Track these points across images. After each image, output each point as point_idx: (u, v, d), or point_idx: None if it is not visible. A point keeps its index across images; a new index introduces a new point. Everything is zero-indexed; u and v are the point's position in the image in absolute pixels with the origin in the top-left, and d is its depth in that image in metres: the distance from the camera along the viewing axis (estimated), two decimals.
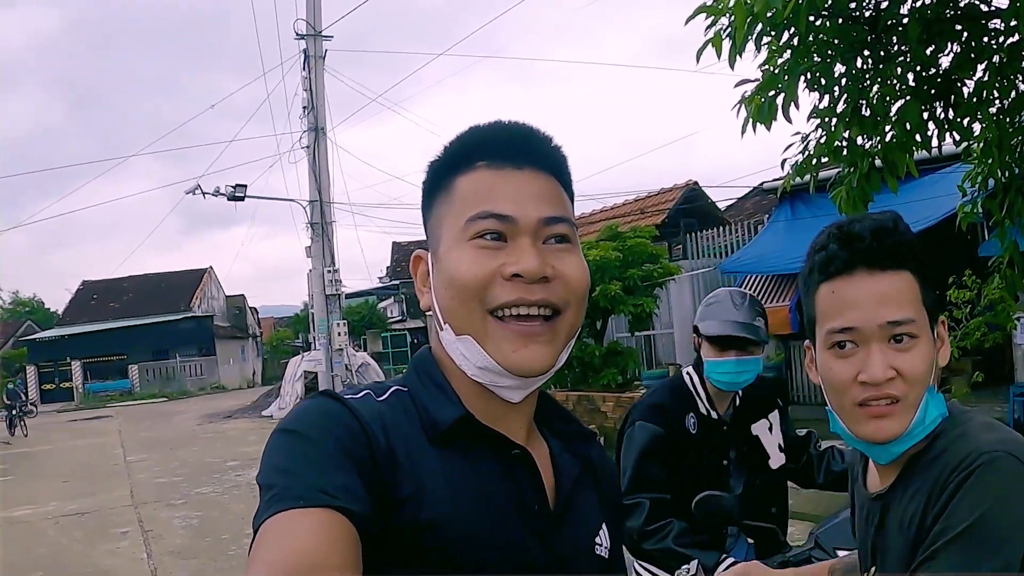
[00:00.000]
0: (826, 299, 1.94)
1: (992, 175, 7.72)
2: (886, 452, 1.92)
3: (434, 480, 1.46)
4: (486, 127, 1.64)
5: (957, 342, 10.86)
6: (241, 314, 71.36)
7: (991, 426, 1.85)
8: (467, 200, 1.55)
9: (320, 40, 29.45)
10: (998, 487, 1.68)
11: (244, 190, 30.01)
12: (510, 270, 1.49)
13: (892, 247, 1.88)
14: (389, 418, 1.50)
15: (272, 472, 1.37)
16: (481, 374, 1.54)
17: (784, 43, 6.35)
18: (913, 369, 1.84)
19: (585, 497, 1.72)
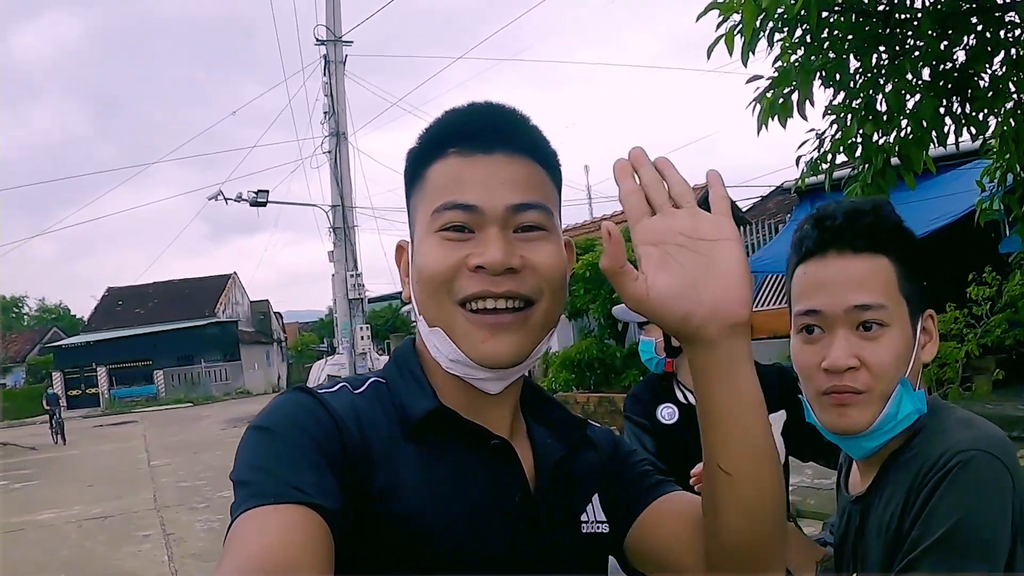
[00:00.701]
0: (798, 281, 1.90)
1: (1011, 170, 7.67)
2: (857, 446, 1.87)
3: (408, 472, 1.45)
4: (458, 111, 1.59)
5: (978, 339, 10.80)
6: (266, 319, 71.53)
7: (968, 422, 1.78)
8: (436, 190, 1.53)
9: (340, 45, 29.51)
10: (976, 488, 1.61)
11: (266, 195, 30.13)
12: (474, 262, 1.46)
13: (866, 229, 1.82)
14: (364, 411, 1.49)
15: (245, 469, 1.37)
16: (454, 366, 1.53)
17: (797, 39, 6.33)
18: (879, 360, 1.78)
19: (570, 476, 1.67)
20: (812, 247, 1.86)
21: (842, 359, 1.77)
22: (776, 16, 5.88)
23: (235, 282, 67.09)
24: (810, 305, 1.84)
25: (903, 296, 1.82)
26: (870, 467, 1.91)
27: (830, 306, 1.80)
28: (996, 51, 6.59)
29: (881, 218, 1.85)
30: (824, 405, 1.84)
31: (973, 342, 10.80)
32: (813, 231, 1.87)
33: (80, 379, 58.86)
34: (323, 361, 35.16)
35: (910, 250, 1.87)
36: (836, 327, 1.80)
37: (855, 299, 1.79)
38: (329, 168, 29.95)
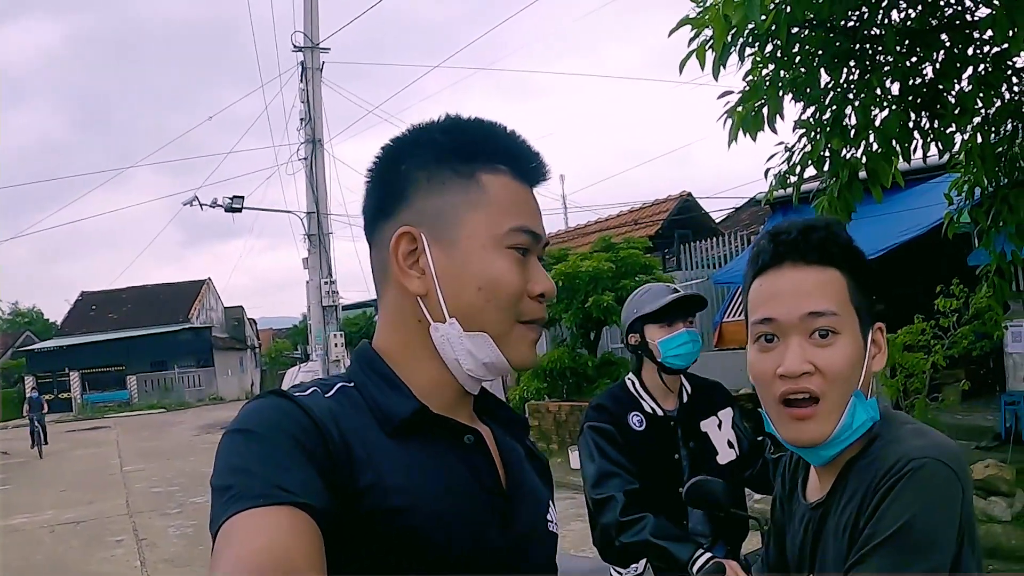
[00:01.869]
0: (754, 292, 1.96)
1: (978, 184, 7.76)
2: (816, 455, 1.93)
3: (393, 469, 1.48)
4: (505, 132, 1.67)
5: (945, 351, 10.89)
6: (240, 325, 71.16)
7: (922, 432, 1.86)
8: (503, 205, 1.59)
9: (317, 52, 29.44)
10: (927, 492, 1.70)
11: (241, 202, 29.95)
12: (538, 289, 1.61)
13: (819, 242, 1.90)
14: (339, 413, 1.51)
15: (228, 473, 1.37)
16: (478, 368, 1.60)
17: (768, 54, 6.40)
18: (832, 365, 1.84)
19: (531, 477, 1.78)
20: (768, 260, 1.93)
21: (797, 364, 1.83)
22: (747, 31, 5.95)
23: (209, 288, 66.74)
24: (765, 314, 1.90)
25: (854, 307, 1.89)
26: (828, 473, 1.97)
27: (785, 314, 1.87)
28: (964, 67, 6.67)
29: (833, 234, 1.92)
30: (783, 419, 1.89)
31: (940, 353, 10.88)
32: (769, 245, 1.94)
33: (53, 384, 58.33)
34: (297, 368, 34.98)
35: (860, 266, 1.94)
36: (791, 334, 1.86)
37: (808, 306, 1.85)
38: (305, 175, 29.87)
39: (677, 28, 6.00)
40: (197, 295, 64.33)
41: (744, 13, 5.46)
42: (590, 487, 3.82)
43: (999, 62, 6.68)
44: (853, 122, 6.71)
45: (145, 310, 62.58)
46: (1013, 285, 9.21)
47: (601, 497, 3.74)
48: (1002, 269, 8.37)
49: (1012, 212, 7.63)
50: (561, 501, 9.56)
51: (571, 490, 13.76)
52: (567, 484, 14.67)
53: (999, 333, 10.95)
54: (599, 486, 3.78)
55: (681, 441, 4.01)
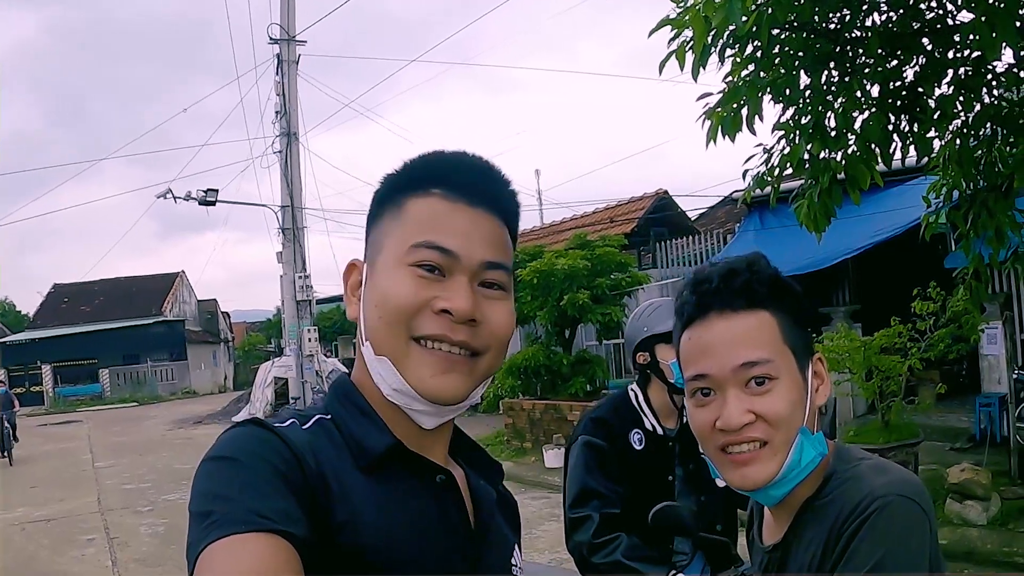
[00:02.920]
0: (684, 347, 1.92)
1: (957, 187, 7.77)
2: (766, 496, 1.88)
3: (366, 506, 1.46)
4: (449, 155, 1.66)
5: (922, 353, 10.92)
6: (213, 319, 71.03)
7: (882, 468, 1.81)
8: (416, 224, 1.56)
9: (293, 45, 29.40)
10: (895, 530, 1.66)
11: (216, 195, 29.94)
12: (440, 305, 1.51)
13: (742, 287, 1.85)
14: (316, 446, 1.48)
15: (207, 499, 1.34)
16: (396, 396, 1.55)
17: (748, 56, 6.38)
18: (773, 411, 1.79)
19: (499, 522, 1.75)
20: (693, 312, 1.89)
21: (736, 418, 1.78)
22: (728, 33, 5.93)
23: (183, 281, 66.59)
24: (698, 370, 1.85)
25: (788, 347, 1.84)
26: (783, 515, 1.93)
27: (717, 368, 1.82)
28: (944, 71, 6.66)
29: (756, 274, 1.87)
30: (725, 465, 1.85)
31: (916, 356, 10.91)
32: (692, 296, 1.90)
33: (24, 377, 58.07)
34: (270, 363, 35.02)
35: (790, 301, 1.89)
36: (727, 387, 1.81)
37: (741, 357, 1.80)
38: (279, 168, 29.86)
39: (657, 28, 5.98)
40: (170, 288, 64.16)
41: (725, 14, 5.43)
42: (569, 503, 3.78)
43: (979, 66, 6.67)
44: (833, 125, 6.70)
45: (118, 303, 62.39)
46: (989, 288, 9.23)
47: (577, 516, 3.71)
48: (979, 272, 8.39)
49: (990, 216, 7.64)
50: (536, 500, 9.60)
51: (546, 489, 13.79)
52: (542, 483, 14.70)
53: (975, 336, 10.97)
54: (578, 505, 3.74)
55: (678, 461, 3.94)
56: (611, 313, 17.78)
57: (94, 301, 63.93)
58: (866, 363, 10.80)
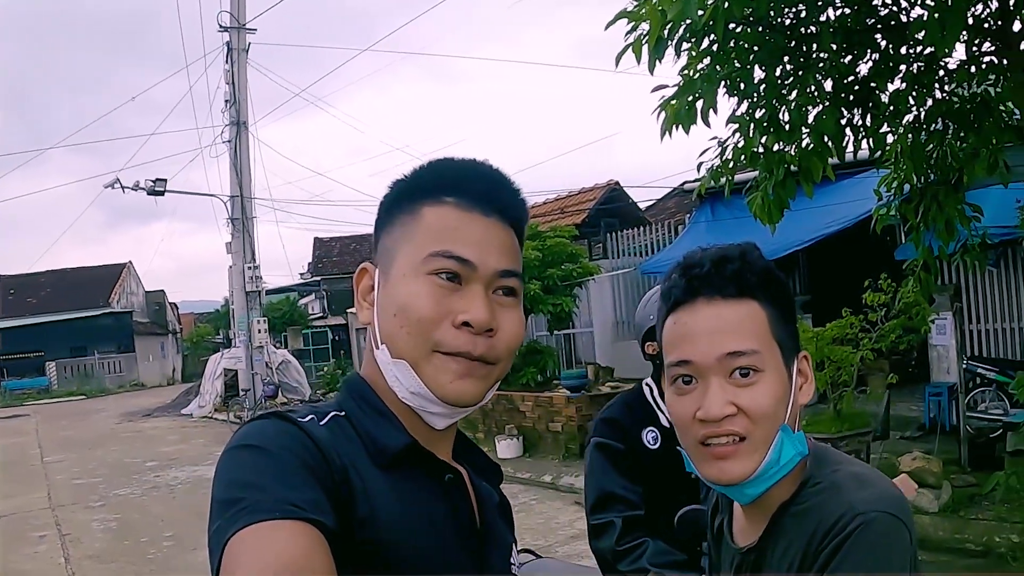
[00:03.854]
0: (669, 331, 1.86)
1: (908, 180, 7.85)
2: (741, 493, 1.83)
3: (385, 503, 1.46)
4: (461, 163, 1.67)
5: (873, 344, 11.01)
6: (161, 310, 70.38)
7: (864, 480, 1.75)
8: (432, 233, 1.57)
9: (243, 33, 29.26)
10: (877, 550, 1.62)
11: (164, 184, 29.77)
12: (462, 318, 1.52)
13: (733, 275, 1.79)
14: (335, 442, 1.49)
15: (235, 487, 1.34)
16: (412, 398, 1.57)
17: (704, 49, 6.41)
18: (756, 405, 1.74)
19: (499, 521, 1.76)
20: (681, 296, 1.83)
21: (717, 408, 1.73)
22: (684, 26, 5.96)
23: (130, 271, 65.94)
24: (681, 356, 1.80)
25: (776, 340, 1.79)
26: (757, 516, 1.88)
27: (702, 355, 1.76)
28: (897, 67, 6.73)
29: (748, 264, 1.81)
30: (703, 458, 1.80)
31: (868, 346, 11.00)
32: (681, 280, 1.84)
33: None
34: (219, 355, 34.79)
35: (780, 294, 1.85)
36: (709, 376, 1.76)
37: (727, 346, 1.75)
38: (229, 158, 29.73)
39: (614, 21, 6.00)
40: (118, 279, 63.48)
41: (681, 8, 5.46)
42: (589, 510, 3.65)
43: (931, 62, 6.74)
44: (787, 118, 6.76)
45: (64, 294, 61.65)
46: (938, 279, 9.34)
47: (599, 522, 3.59)
48: (928, 264, 8.48)
49: (940, 209, 7.73)
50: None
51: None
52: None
53: (926, 327, 11.09)
54: (598, 510, 3.61)
55: None
56: (562, 304, 17.77)
57: (40, 293, 63.15)
58: (818, 354, 10.85)
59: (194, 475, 18.19)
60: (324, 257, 49.01)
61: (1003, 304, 13.64)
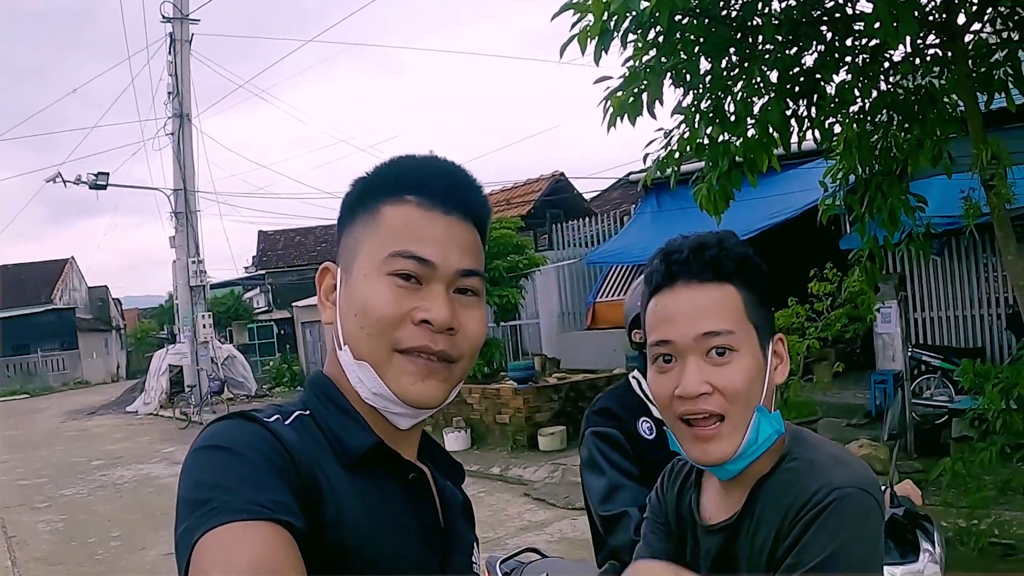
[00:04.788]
0: (651, 313, 1.94)
1: (853, 171, 7.91)
2: (724, 471, 1.90)
3: (351, 504, 1.46)
4: (423, 161, 1.66)
5: (819, 333, 11.09)
6: (104, 306, 69.80)
7: (840, 459, 1.83)
8: (392, 232, 1.56)
9: (187, 24, 29.09)
10: (850, 523, 1.69)
11: (107, 178, 29.54)
12: (421, 316, 1.52)
13: (711, 260, 1.87)
14: (301, 443, 1.48)
15: (203, 487, 1.33)
16: (375, 399, 1.56)
17: (649, 41, 6.43)
18: (730, 384, 1.81)
19: (461, 520, 1.77)
20: (661, 280, 1.91)
21: (693, 386, 1.80)
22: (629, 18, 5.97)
23: (73, 267, 65.33)
24: (661, 336, 1.87)
25: (751, 322, 1.87)
26: (735, 492, 1.93)
27: (680, 335, 1.84)
28: (843, 58, 6.78)
29: (726, 250, 1.88)
30: (687, 438, 1.87)
31: (814, 335, 11.08)
32: (662, 265, 1.91)
33: None
34: (164, 350, 34.59)
35: (756, 279, 1.91)
36: (687, 355, 1.83)
37: (703, 326, 1.82)
38: (172, 151, 29.55)
39: (560, 13, 6.01)
40: (60, 275, 62.88)
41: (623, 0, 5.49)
42: (598, 503, 3.46)
43: (876, 54, 6.80)
44: (732, 110, 6.79)
45: (5, 291, 60.96)
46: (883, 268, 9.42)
47: (612, 514, 3.40)
48: (874, 254, 8.55)
49: (885, 199, 7.79)
50: None
51: None
52: None
53: (871, 316, 11.18)
54: (608, 501, 3.44)
55: None
56: (508, 295, 17.79)
57: None
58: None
59: (140, 473, 18.08)
60: (268, 250, 48.76)
61: (947, 292, 13.80)
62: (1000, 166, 7.02)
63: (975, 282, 13.55)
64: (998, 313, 13.24)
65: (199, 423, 24.97)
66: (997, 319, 13.24)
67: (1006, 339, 12.90)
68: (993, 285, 13.42)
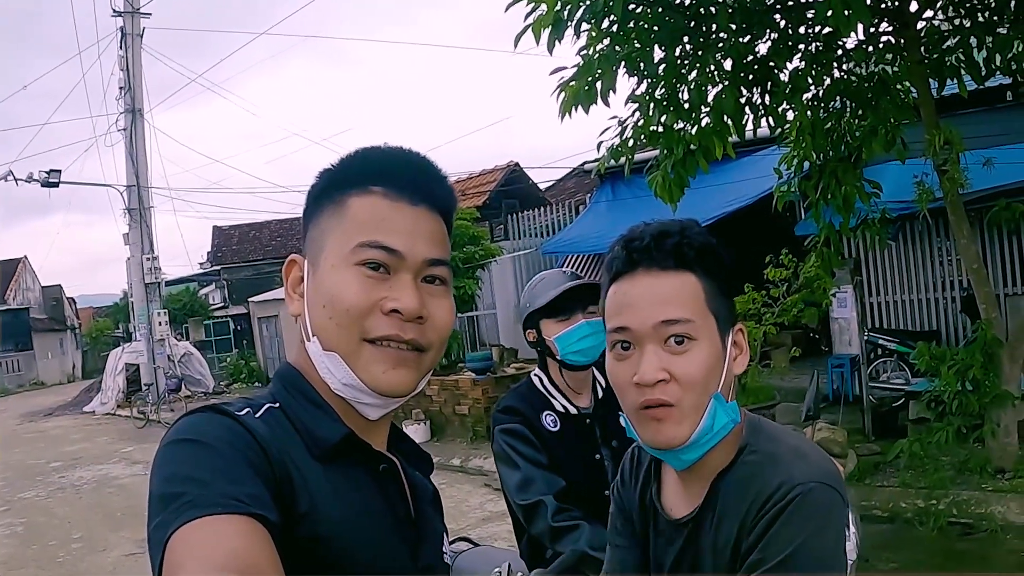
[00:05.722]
0: (610, 300, 1.92)
1: (807, 158, 7.96)
2: (677, 459, 1.89)
3: (323, 496, 1.46)
4: (388, 152, 1.67)
5: (775, 319, 11.16)
6: (59, 305, 69.18)
7: (801, 452, 1.83)
8: (359, 224, 1.56)
9: (138, 18, 28.84)
10: (814, 519, 1.69)
11: (59, 175, 29.23)
12: (390, 305, 1.52)
13: (672, 248, 1.85)
14: (272, 435, 1.47)
15: (175, 481, 1.31)
16: (345, 390, 1.56)
17: (604, 30, 6.45)
18: (687, 372, 1.80)
19: (431, 510, 1.78)
20: (621, 267, 1.89)
21: (650, 373, 1.79)
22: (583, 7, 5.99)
23: (26, 266, 64.72)
24: (620, 323, 1.86)
25: (711, 312, 1.85)
26: (695, 485, 1.92)
27: (638, 323, 1.82)
28: (796, 47, 6.82)
29: (687, 238, 1.87)
30: (641, 420, 1.85)
31: (770, 321, 11.14)
32: (622, 252, 1.89)
33: None
34: (120, 349, 34.30)
35: (717, 268, 1.90)
36: (645, 343, 1.82)
37: (662, 314, 1.81)
38: (124, 147, 29.33)
39: (514, 3, 6.02)
40: (13, 275, 62.28)
41: None
42: (515, 493, 3.56)
43: (829, 42, 6.84)
44: (687, 98, 6.83)
45: None
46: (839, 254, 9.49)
47: (529, 503, 3.50)
48: (830, 239, 8.62)
49: (839, 185, 7.86)
50: None
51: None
52: None
53: (827, 301, 11.24)
54: (524, 491, 3.53)
55: (601, 441, 3.73)
56: (465, 286, 17.77)
57: None
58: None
59: (99, 474, 17.89)
60: (223, 246, 48.41)
61: (902, 276, 13.89)
62: (953, 151, 7.10)
63: (929, 266, 13.64)
64: (952, 296, 13.34)
65: (157, 422, 24.83)
66: (952, 302, 13.35)
67: (960, 322, 13.01)
68: (947, 269, 13.52)
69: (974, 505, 8.36)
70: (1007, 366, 8.40)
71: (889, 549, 7.99)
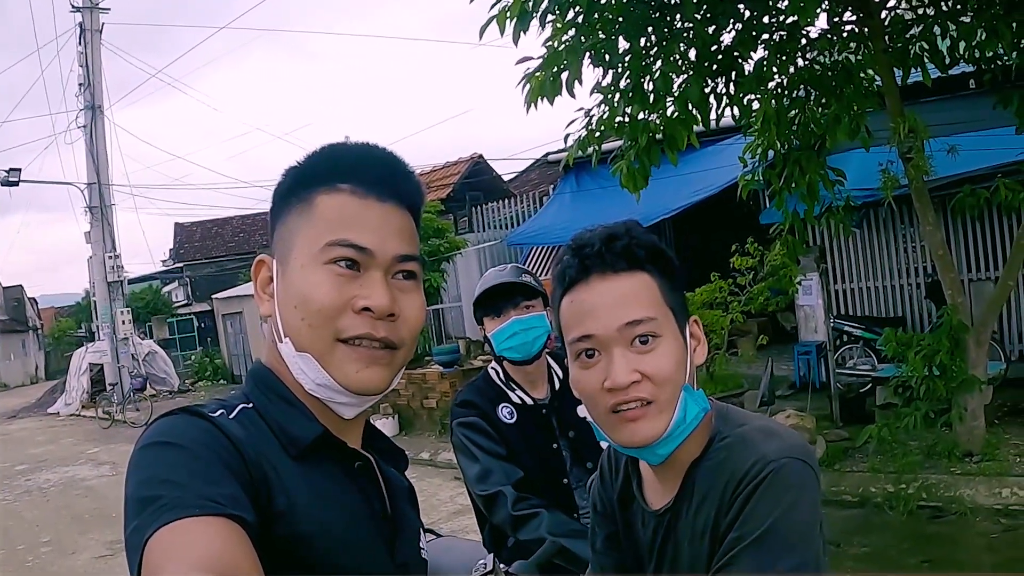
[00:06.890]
0: (567, 310, 1.91)
1: (771, 147, 8.00)
2: (653, 454, 1.89)
3: (300, 495, 1.46)
4: (355, 148, 1.66)
5: (742, 307, 11.22)
6: (20, 306, 68.73)
7: (771, 431, 1.84)
8: (328, 222, 1.56)
9: (97, 13, 28.64)
10: (789, 493, 1.70)
11: (18, 174, 28.98)
12: (361, 303, 1.51)
13: (623, 250, 1.86)
14: (247, 436, 1.48)
15: (152, 484, 1.31)
16: (319, 390, 1.56)
17: (569, 21, 6.45)
18: (659, 369, 1.81)
19: (407, 506, 1.78)
20: (575, 275, 1.88)
21: (623, 376, 1.79)
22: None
23: None
24: (583, 331, 1.85)
25: (669, 307, 1.86)
26: (670, 476, 1.94)
27: (602, 328, 1.82)
28: (760, 36, 6.85)
29: (635, 238, 1.88)
30: (614, 423, 1.85)
31: (737, 309, 11.19)
32: (574, 260, 1.89)
33: None
34: (84, 349, 34.07)
35: (667, 264, 1.91)
36: (612, 346, 1.82)
37: (625, 316, 1.81)
38: (84, 144, 29.13)
39: None
40: None
41: None
42: (474, 484, 3.63)
43: (793, 31, 6.87)
44: (652, 87, 6.84)
45: None
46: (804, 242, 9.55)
47: (489, 493, 3.56)
48: (794, 227, 8.66)
49: (803, 173, 7.91)
50: None
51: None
52: None
53: (793, 289, 11.30)
54: (483, 481, 3.60)
55: (558, 431, 3.79)
56: (430, 279, 17.77)
57: None
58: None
59: (66, 476, 17.74)
60: (186, 242, 48.15)
61: (867, 263, 13.95)
62: (917, 139, 7.15)
63: (895, 253, 13.72)
64: (918, 283, 13.42)
65: (123, 421, 24.70)
66: (917, 288, 13.42)
67: (926, 308, 13.09)
68: (912, 255, 13.60)
69: (943, 488, 8.44)
70: (973, 351, 8.47)
71: (859, 533, 8.06)
